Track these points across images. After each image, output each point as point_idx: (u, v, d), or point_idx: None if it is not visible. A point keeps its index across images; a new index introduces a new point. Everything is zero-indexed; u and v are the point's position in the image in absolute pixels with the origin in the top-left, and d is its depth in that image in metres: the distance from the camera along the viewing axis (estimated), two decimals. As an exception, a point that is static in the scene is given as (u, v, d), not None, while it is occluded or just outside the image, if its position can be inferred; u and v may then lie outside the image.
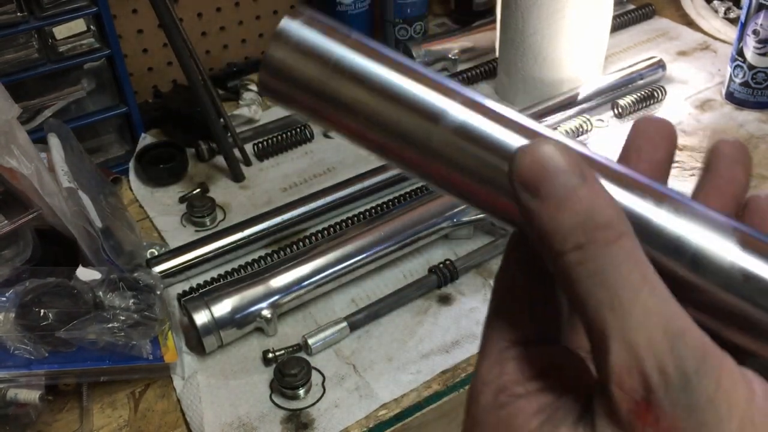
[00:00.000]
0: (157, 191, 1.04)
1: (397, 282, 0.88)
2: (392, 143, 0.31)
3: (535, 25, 1.09)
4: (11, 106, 0.76)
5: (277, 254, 0.89)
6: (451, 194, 0.32)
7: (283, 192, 1.03)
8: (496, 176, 0.30)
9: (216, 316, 0.77)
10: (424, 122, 0.30)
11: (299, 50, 0.31)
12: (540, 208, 0.26)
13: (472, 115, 0.30)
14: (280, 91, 0.32)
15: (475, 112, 0.30)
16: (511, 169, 0.28)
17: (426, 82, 0.31)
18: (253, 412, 0.74)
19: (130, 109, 1.04)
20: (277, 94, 0.32)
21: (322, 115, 0.32)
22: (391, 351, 0.79)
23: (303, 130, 1.12)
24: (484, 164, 0.30)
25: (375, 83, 0.31)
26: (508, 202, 0.29)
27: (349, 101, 0.31)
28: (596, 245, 0.25)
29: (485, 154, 0.30)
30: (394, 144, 0.31)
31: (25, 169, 0.74)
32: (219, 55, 1.28)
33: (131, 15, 1.16)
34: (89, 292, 0.74)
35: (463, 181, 0.31)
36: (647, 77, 1.18)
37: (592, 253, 0.25)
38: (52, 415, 0.74)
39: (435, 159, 0.31)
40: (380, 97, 0.31)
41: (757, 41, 1.07)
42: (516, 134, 0.30)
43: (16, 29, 0.90)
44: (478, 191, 0.31)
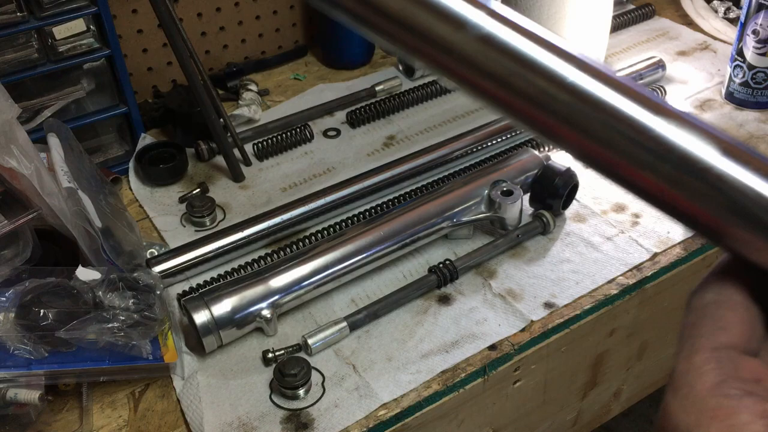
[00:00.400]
0: (157, 191, 1.04)
1: (397, 282, 0.88)
2: (423, 47, 0.34)
3: (535, 25, 1.09)
4: (11, 106, 0.76)
5: (277, 254, 0.89)
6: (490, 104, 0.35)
7: (283, 192, 1.03)
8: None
9: (216, 316, 0.77)
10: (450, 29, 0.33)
11: None
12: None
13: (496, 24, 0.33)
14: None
15: (499, 22, 0.33)
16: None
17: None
18: (253, 412, 0.74)
19: (129, 109, 1.04)
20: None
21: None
22: (390, 351, 0.79)
23: (303, 130, 1.12)
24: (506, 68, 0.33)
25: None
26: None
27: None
28: None
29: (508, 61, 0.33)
30: (424, 47, 0.34)
31: (25, 169, 0.75)
32: (219, 55, 1.28)
33: (131, 15, 1.16)
34: (89, 292, 0.74)
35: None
36: (647, 77, 1.18)
37: None
38: (52, 415, 0.74)
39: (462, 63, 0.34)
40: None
41: (757, 41, 1.07)
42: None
43: (16, 29, 0.90)
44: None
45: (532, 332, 0.80)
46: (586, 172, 1.03)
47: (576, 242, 0.92)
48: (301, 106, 1.19)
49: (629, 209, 0.96)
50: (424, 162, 1.03)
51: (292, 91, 1.26)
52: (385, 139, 1.13)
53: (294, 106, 1.20)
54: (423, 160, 1.03)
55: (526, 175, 0.95)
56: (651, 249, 0.90)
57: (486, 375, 0.77)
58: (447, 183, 0.96)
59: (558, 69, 0.33)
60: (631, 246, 0.91)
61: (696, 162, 0.33)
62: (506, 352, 0.78)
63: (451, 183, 0.95)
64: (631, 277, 0.87)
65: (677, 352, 0.33)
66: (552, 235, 0.93)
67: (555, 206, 0.93)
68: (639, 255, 0.89)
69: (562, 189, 0.92)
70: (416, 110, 1.19)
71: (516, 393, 0.83)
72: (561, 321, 0.82)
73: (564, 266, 0.88)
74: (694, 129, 0.33)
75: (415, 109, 1.20)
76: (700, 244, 0.91)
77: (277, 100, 1.24)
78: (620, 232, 0.93)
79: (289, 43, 1.35)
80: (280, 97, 1.24)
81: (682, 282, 0.91)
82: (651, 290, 0.88)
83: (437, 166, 1.04)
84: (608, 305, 0.84)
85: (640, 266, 0.88)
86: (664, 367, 1.04)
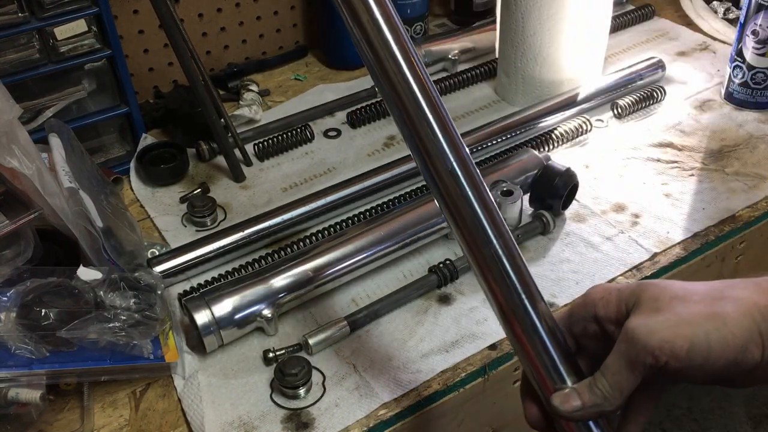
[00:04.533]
0: (158, 191, 1.04)
1: (397, 282, 0.88)
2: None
3: (535, 26, 1.09)
4: (12, 107, 0.76)
5: (278, 254, 0.90)
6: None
7: (283, 192, 1.03)
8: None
9: (217, 316, 0.77)
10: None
11: None
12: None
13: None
14: None
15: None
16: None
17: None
18: (254, 411, 0.74)
19: (130, 110, 1.04)
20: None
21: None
22: (391, 350, 0.79)
23: (303, 130, 1.12)
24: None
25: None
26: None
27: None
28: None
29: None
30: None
31: (27, 170, 0.75)
32: (219, 56, 1.28)
33: (132, 15, 1.16)
34: (90, 291, 0.74)
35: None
36: (647, 77, 1.19)
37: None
38: (53, 414, 0.74)
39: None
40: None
41: (756, 42, 1.07)
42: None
43: (18, 30, 0.90)
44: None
45: (532, 332, 0.80)
46: (585, 172, 1.03)
47: (576, 242, 0.92)
48: (301, 107, 1.19)
49: (629, 209, 0.97)
50: (424, 162, 1.03)
51: (292, 91, 1.26)
52: (385, 139, 1.14)
53: (294, 107, 1.20)
54: (423, 161, 1.03)
55: (526, 175, 0.95)
56: (650, 249, 0.90)
57: (486, 374, 0.77)
58: (447, 183, 0.96)
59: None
60: (630, 246, 0.91)
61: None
62: (506, 352, 0.78)
63: (451, 183, 0.95)
64: (631, 277, 0.87)
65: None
66: (552, 235, 0.93)
67: (555, 206, 0.93)
68: (639, 255, 0.89)
69: (562, 189, 0.92)
70: (416, 110, 1.19)
71: (516, 393, 0.83)
72: (561, 321, 0.82)
73: (564, 266, 0.89)
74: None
75: (416, 110, 1.20)
76: (700, 244, 0.91)
77: (277, 101, 1.24)
78: (620, 232, 0.93)
79: (289, 44, 1.36)
80: (280, 98, 1.25)
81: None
82: (651, 290, 0.88)
83: (437, 166, 1.04)
84: (608, 305, 0.84)
85: (639, 266, 0.88)
86: (663, 366, 1.04)
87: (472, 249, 0.56)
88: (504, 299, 0.56)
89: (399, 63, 0.56)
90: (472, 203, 0.56)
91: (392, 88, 0.56)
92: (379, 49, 0.56)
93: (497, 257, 0.55)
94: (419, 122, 0.56)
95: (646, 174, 1.03)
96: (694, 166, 1.04)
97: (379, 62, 0.56)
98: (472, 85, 1.25)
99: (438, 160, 0.56)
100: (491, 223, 0.56)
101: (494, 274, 0.56)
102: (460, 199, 0.56)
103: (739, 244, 0.95)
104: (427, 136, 0.56)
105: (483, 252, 0.56)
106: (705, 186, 1.00)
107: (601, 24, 1.12)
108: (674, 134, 1.10)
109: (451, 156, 0.56)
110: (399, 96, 0.56)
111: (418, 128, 0.56)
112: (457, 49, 1.28)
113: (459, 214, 0.56)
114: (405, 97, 0.56)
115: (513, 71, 1.16)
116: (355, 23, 0.56)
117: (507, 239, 0.56)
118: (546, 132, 1.09)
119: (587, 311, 0.54)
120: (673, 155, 1.06)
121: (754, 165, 1.03)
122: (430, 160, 0.56)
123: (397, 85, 0.56)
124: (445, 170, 0.56)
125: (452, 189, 0.56)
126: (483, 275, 0.56)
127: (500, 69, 1.20)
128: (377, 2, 0.56)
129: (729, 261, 0.96)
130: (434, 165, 0.56)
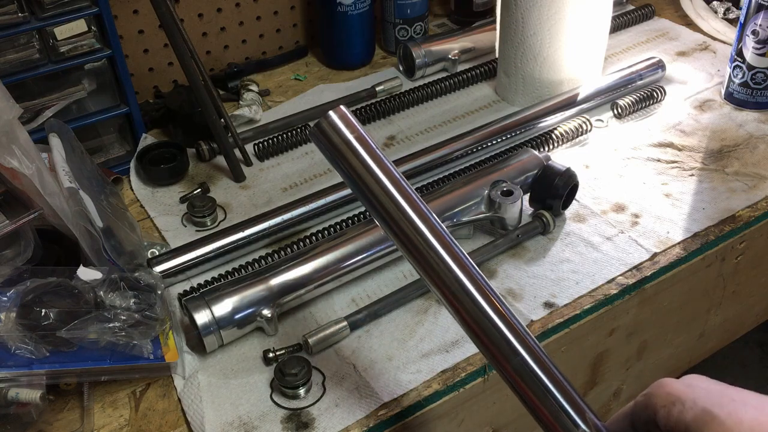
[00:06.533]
0: (158, 191, 1.04)
1: (397, 282, 0.88)
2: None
3: (535, 26, 1.09)
4: (12, 107, 0.77)
5: (278, 254, 0.90)
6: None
7: (283, 192, 1.03)
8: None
9: (217, 316, 0.77)
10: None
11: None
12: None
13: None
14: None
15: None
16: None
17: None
18: (254, 411, 0.74)
19: (130, 110, 1.04)
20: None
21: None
22: (391, 350, 0.79)
23: (303, 130, 1.12)
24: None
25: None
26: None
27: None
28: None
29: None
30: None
31: (27, 169, 0.75)
32: (220, 56, 1.28)
33: (132, 15, 1.16)
34: (90, 291, 0.74)
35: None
36: (647, 77, 1.19)
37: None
38: (53, 414, 0.74)
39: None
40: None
41: (756, 42, 1.07)
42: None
43: (18, 30, 0.90)
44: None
45: (532, 332, 0.80)
46: (585, 172, 1.03)
47: (576, 242, 0.92)
48: (301, 107, 1.19)
49: (629, 209, 0.97)
50: (424, 162, 1.03)
51: (292, 91, 1.26)
52: (385, 139, 1.14)
53: (294, 107, 1.20)
54: (423, 160, 1.03)
55: (526, 175, 0.95)
56: (650, 249, 0.90)
57: (486, 374, 0.77)
58: (447, 183, 0.96)
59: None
60: (630, 246, 0.91)
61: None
62: (506, 352, 0.78)
63: (451, 183, 0.95)
64: (631, 277, 0.87)
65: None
66: (552, 235, 0.93)
67: (555, 206, 0.93)
68: (638, 255, 0.89)
69: (562, 189, 0.92)
70: (416, 110, 1.20)
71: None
72: (561, 321, 0.82)
73: (564, 266, 0.89)
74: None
75: (416, 110, 1.20)
76: (700, 244, 0.91)
77: (277, 101, 1.24)
78: (620, 232, 0.93)
79: (289, 44, 1.36)
80: (280, 98, 1.25)
81: (682, 282, 0.91)
82: (650, 290, 0.88)
83: (437, 166, 1.04)
84: (608, 305, 0.84)
85: (639, 266, 0.88)
86: (663, 366, 1.04)
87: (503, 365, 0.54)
88: (548, 414, 0.53)
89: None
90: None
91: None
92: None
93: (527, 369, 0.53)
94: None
95: (646, 174, 1.03)
96: (694, 166, 1.04)
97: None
98: (472, 85, 1.25)
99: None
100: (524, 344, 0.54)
101: (532, 388, 0.53)
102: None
103: (739, 244, 0.95)
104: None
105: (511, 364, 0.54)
106: (705, 186, 1.00)
107: (601, 24, 1.12)
108: (674, 134, 1.10)
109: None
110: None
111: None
112: (457, 49, 1.28)
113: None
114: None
115: (513, 71, 1.16)
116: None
117: (536, 351, 0.54)
118: (546, 132, 1.09)
119: (648, 414, 0.50)
120: (673, 155, 1.06)
121: (754, 165, 1.03)
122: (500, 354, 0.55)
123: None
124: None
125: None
126: (520, 393, 0.54)
127: (500, 69, 1.20)
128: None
129: (729, 261, 0.96)
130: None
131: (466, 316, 0.55)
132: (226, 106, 1.11)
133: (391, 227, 0.58)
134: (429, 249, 0.56)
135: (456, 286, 0.55)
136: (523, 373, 0.53)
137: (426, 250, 0.56)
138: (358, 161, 0.58)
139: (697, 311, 1.00)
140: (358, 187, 0.59)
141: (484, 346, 0.55)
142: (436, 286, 0.57)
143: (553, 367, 0.54)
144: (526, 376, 0.53)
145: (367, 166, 0.58)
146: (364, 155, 0.58)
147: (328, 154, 0.59)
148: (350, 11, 1.23)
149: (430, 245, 0.56)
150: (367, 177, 0.58)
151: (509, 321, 0.55)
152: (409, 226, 0.57)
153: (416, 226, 0.57)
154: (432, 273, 0.56)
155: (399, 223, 0.57)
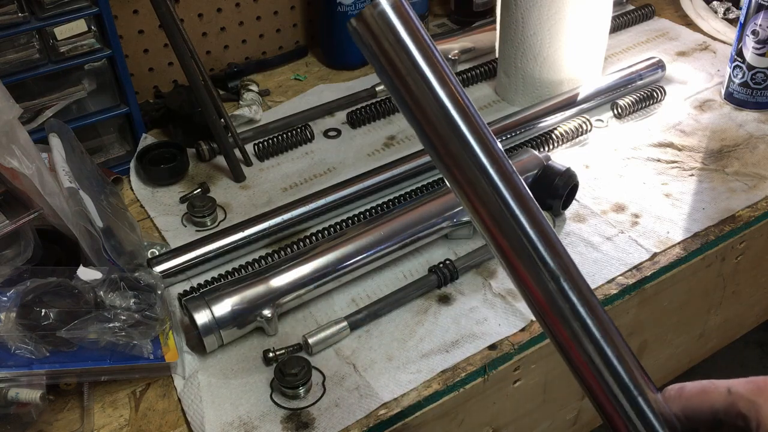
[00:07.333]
0: (158, 191, 1.04)
1: (397, 282, 0.88)
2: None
3: (535, 26, 1.09)
4: (12, 107, 0.77)
5: (278, 254, 0.90)
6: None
7: (283, 192, 1.03)
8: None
9: (216, 316, 0.77)
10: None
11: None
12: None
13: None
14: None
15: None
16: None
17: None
18: (254, 411, 0.74)
19: (130, 110, 1.04)
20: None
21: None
22: (391, 350, 0.79)
23: (303, 130, 1.12)
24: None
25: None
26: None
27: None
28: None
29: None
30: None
31: (27, 169, 0.75)
32: (220, 56, 1.28)
33: (132, 16, 1.16)
34: (90, 291, 0.74)
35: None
36: (647, 77, 1.19)
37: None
38: (53, 414, 0.74)
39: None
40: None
41: (756, 42, 1.07)
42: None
43: (18, 30, 0.90)
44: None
45: (532, 332, 0.80)
46: (585, 172, 1.03)
47: (576, 242, 0.92)
48: (301, 107, 1.19)
49: (629, 209, 0.97)
50: (424, 162, 1.03)
51: (292, 91, 1.26)
52: (385, 139, 1.14)
53: (294, 107, 1.20)
54: (423, 160, 1.03)
55: (526, 175, 0.95)
56: (650, 249, 0.90)
57: (486, 374, 0.77)
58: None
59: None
60: (630, 246, 0.91)
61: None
62: (506, 352, 0.78)
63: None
64: (631, 277, 0.87)
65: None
66: (552, 235, 0.93)
67: (555, 206, 0.93)
68: (638, 255, 0.89)
69: (562, 189, 0.92)
70: (416, 110, 1.19)
71: (516, 392, 0.83)
72: (561, 321, 0.82)
73: (564, 266, 0.89)
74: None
75: (416, 110, 1.20)
76: (700, 244, 0.91)
77: (277, 101, 1.24)
78: (620, 232, 0.93)
79: (289, 44, 1.36)
80: (280, 98, 1.25)
81: (682, 282, 0.91)
82: (650, 290, 0.88)
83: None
84: (608, 305, 0.84)
85: (639, 266, 0.88)
86: (663, 366, 1.04)
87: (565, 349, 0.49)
88: (607, 397, 0.49)
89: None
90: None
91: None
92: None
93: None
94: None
95: (646, 174, 1.03)
96: (694, 166, 1.04)
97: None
98: (472, 85, 1.25)
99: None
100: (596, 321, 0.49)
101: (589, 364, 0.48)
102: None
103: (739, 244, 0.95)
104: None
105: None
106: (705, 186, 1.00)
107: (601, 24, 1.12)
108: (674, 134, 1.10)
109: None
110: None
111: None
112: (457, 49, 1.28)
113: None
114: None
115: (513, 71, 1.16)
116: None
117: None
118: (546, 132, 1.09)
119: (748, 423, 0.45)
120: (673, 155, 1.06)
121: (754, 165, 1.03)
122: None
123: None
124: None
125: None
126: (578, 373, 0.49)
127: (500, 69, 1.20)
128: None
129: (729, 261, 0.96)
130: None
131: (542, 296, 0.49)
132: (226, 106, 1.11)
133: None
134: (508, 212, 0.47)
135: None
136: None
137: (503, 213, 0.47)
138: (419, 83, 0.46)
139: (697, 311, 1.00)
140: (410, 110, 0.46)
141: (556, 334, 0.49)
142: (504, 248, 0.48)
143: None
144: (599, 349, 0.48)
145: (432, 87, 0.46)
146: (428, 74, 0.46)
147: (375, 62, 0.46)
148: (350, 11, 1.23)
149: (507, 204, 0.47)
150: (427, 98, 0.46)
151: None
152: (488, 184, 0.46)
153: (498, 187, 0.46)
154: (505, 229, 0.48)
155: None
